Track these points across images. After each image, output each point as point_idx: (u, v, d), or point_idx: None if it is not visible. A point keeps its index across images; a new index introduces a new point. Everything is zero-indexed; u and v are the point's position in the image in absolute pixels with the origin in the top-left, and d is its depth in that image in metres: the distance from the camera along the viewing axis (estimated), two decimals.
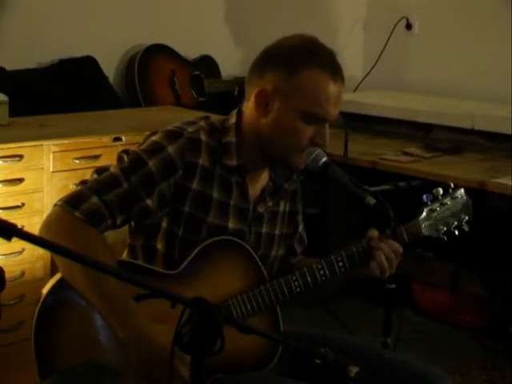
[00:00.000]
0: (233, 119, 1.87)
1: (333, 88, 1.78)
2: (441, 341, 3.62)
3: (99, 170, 1.82)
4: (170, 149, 1.79)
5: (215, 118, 1.92)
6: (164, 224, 1.83)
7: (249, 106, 1.85)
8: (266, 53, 1.84)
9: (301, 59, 1.78)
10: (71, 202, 1.73)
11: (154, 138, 1.82)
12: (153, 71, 3.92)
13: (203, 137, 1.83)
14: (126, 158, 1.81)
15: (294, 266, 2.04)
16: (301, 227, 2.09)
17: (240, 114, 1.87)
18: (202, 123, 1.86)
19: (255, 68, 1.84)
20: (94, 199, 1.73)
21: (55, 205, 1.75)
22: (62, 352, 1.73)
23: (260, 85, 1.80)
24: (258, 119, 1.82)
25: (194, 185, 1.81)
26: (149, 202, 1.77)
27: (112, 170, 1.79)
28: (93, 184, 1.77)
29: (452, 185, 2.05)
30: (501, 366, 3.40)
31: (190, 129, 1.83)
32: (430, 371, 1.90)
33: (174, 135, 1.81)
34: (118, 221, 1.77)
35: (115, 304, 1.69)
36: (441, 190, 2.02)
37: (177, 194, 1.80)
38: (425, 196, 2.01)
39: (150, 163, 1.78)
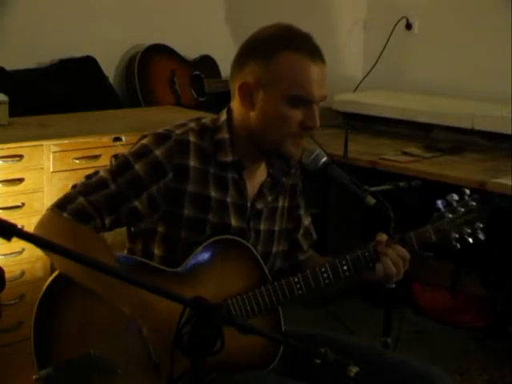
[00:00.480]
0: (223, 117, 1.87)
1: (313, 68, 1.77)
2: (441, 341, 3.62)
3: (88, 175, 1.83)
4: (158, 152, 1.79)
5: (207, 118, 1.91)
6: (160, 229, 1.83)
7: (236, 102, 1.85)
8: (244, 46, 1.84)
9: (277, 46, 1.77)
10: (59, 205, 1.77)
11: (143, 141, 1.84)
12: (153, 71, 3.92)
13: (192, 138, 1.83)
14: (114, 161, 1.84)
15: (303, 263, 2.04)
16: (307, 221, 2.08)
17: (230, 112, 1.87)
18: (192, 125, 1.86)
19: (236, 62, 1.84)
20: (81, 200, 1.76)
21: (46, 209, 1.79)
22: (62, 343, 1.75)
23: (241, 78, 1.80)
24: (246, 114, 1.82)
25: (189, 187, 1.81)
26: (137, 203, 1.78)
27: (101, 173, 1.81)
28: (81, 187, 1.80)
29: (468, 191, 1.99)
30: (501, 366, 3.40)
31: (179, 131, 1.83)
32: (430, 371, 1.90)
33: (162, 138, 1.81)
34: (107, 222, 1.78)
35: (114, 284, 1.68)
36: (455, 196, 1.97)
37: (171, 197, 1.80)
38: (439, 201, 1.96)
39: (137, 166, 1.79)
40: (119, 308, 1.71)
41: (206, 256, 1.82)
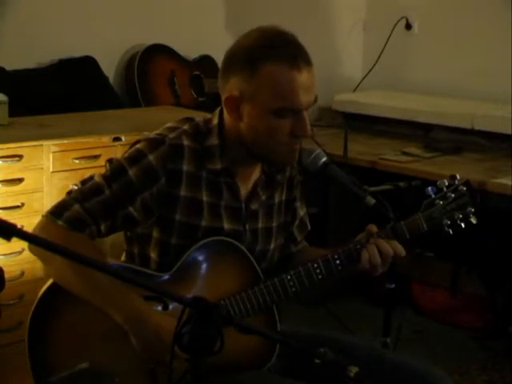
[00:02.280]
0: (215, 120, 1.85)
1: (296, 77, 1.72)
2: (441, 341, 3.62)
3: (84, 180, 1.83)
4: (151, 157, 1.78)
5: (199, 118, 1.89)
6: (155, 234, 1.83)
7: (225, 112, 1.82)
8: (227, 58, 1.81)
9: (257, 58, 1.73)
10: (54, 212, 1.76)
11: (137, 146, 1.83)
12: (152, 71, 3.92)
13: (186, 142, 1.81)
14: (108, 166, 1.83)
15: (295, 255, 2.04)
16: (302, 212, 2.06)
17: (222, 115, 1.85)
18: (186, 127, 1.84)
19: (221, 74, 1.81)
20: (76, 207, 1.76)
21: (41, 216, 1.78)
22: (57, 349, 1.76)
23: (227, 91, 1.78)
24: (236, 124, 1.80)
25: (182, 192, 1.80)
26: (131, 209, 1.78)
27: (95, 178, 1.81)
28: (76, 193, 1.79)
29: (458, 176, 1.96)
30: (501, 366, 3.40)
31: (172, 135, 1.82)
32: (430, 371, 1.90)
33: (155, 143, 1.80)
34: (103, 228, 1.78)
35: (111, 295, 1.71)
36: (446, 182, 1.94)
37: (164, 202, 1.79)
38: (429, 188, 1.94)
39: (131, 172, 1.78)
40: (113, 318, 1.71)
41: (197, 259, 1.81)
